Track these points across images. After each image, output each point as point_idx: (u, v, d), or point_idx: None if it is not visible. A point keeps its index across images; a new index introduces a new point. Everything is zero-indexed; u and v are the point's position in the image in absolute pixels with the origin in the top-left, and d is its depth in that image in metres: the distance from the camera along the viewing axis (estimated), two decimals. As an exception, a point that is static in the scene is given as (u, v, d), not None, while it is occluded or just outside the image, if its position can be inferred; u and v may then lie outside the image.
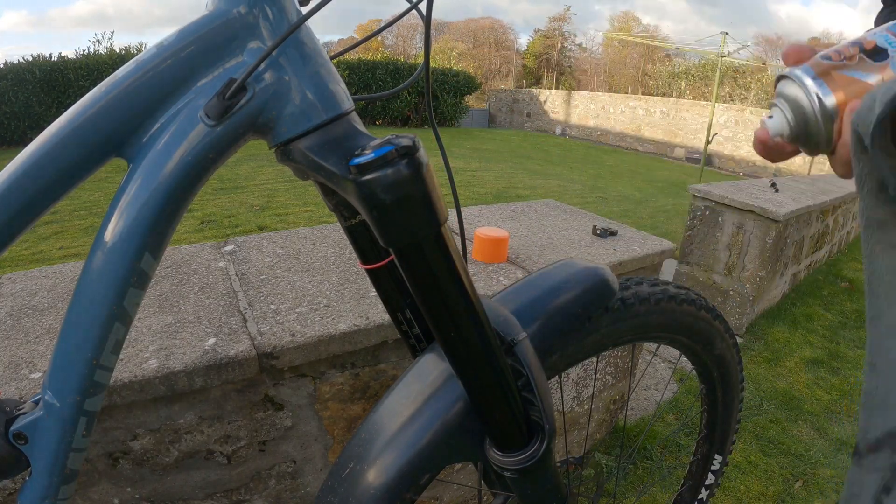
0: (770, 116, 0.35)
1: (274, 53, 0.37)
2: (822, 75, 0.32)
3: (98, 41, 13.37)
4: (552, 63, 37.13)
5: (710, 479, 0.88)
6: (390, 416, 0.48)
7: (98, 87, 0.36)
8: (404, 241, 0.37)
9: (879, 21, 0.53)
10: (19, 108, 8.89)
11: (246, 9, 0.37)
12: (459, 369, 0.44)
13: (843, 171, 0.33)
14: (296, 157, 0.39)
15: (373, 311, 0.91)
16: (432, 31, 0.45)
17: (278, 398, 0.87)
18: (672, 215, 5.44)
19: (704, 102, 14.37)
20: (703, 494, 0.89)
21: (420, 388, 0.48)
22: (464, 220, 1.12)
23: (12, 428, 0.40)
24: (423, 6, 0.44)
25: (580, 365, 1.30)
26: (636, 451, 1.51)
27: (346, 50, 0.53)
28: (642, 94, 22.12)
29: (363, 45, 0.82)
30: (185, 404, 0.80)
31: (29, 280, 0.99)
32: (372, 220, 0.37)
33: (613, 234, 1.38)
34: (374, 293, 0.97)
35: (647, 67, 29.88)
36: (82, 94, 0.37)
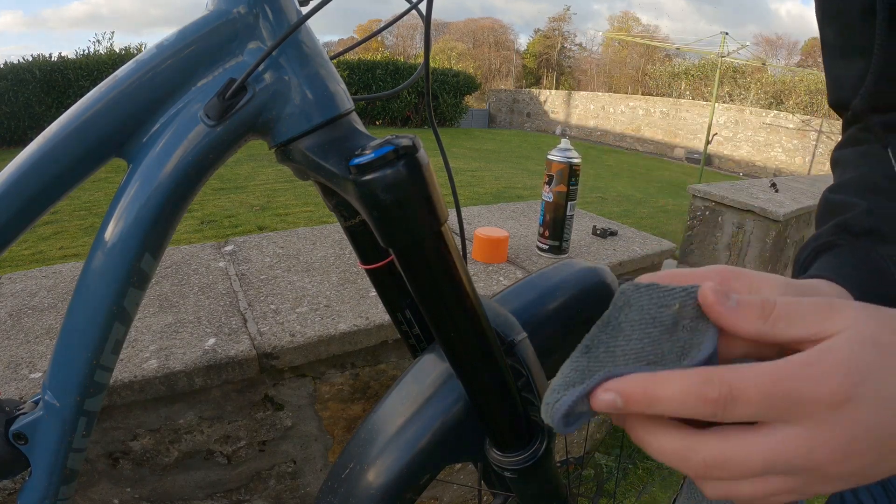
0: None
1: (274, 54, 0.37)
2: None
3: (98, 41, 13.38)
4: (552, 63, 37.17)
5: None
6: (390, 416, 0.48)
7: (98, 87, 0.36)
8: (404, 241, 0.37)
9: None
10: (19, 108, 8.89)
11: (246, 9, 0.37)
12: (459, 369, 0.44)
13: None
14: (296, 157, 0.39)
15: (373, 311, 0.91)
16: (432, 31, 0.44)
17: (278, 398, 0.87)
18: (672, 215, 5.44)
19: (704, 102, 14.38)
20: (703, 494, 0.89)
21: (420, 388, 0.48)
22: (464, 220, 1.12)
23: (12, 428, 0.40)
24: (423, 6, 0.44)
25: (580, 365, 1.29)
26: (636, 451, 1.51)
27: (346, 50, 0.53)
28: (642, 94, 22.12)
29: (363, 45, 0.82)
30: (185, 404, 0.80)
31: (29, 280, 0.99)
32: (372, 221, 0.36)
33: (613, 234, 1.38)
34: (374, 293, 0.97)
35: (647, 67, 29.88)
36: (82, 94, 0.37)
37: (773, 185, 2.94)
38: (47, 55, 9.82)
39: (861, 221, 0.38)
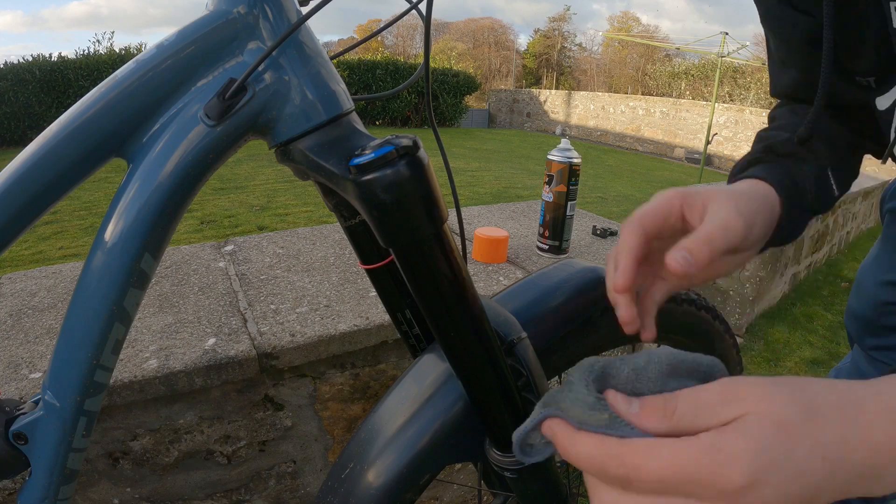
0: None
1: (274, 54, 0.37)
2: None
3: (98, 41, 13.42)
4: (552, 63, 37.18)
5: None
6: (390, 416, 0.48)
7: (98, 87, 0.36)
8: (404, 241, 0.37)
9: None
10: (19, 108, 8.90)
11: (246, 9, 0.37)
12: (459, 369, 0.44)
13: None
14: (296, 157, 0.39)
15: (373, 311, 0.91)
16: (432, 31, 0.44)
17: (278, 398, 0.87)
18: (672, 215, 5.43)
19: (704, 102, 14.38)
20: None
21: (420, 388, 0.48)
22: (464, 220, 1.12)
23: (12, 428, 0.40)
24: (423, 6, 0.44)
25: (580, 365, 1.30)
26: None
27: (346, 50, 0.53)
28: (642, 94, 22.14)
29: (363, 45, 0.82)
30: (185, 404, 0.80)
31: (29, 280, 0.99)
32: (372, 220, 0.37)
33: (613, 234, 1.38)
34: (374, 293, 0.97)
35: (647, 67, 29.89)
36: (82, 94, 0.37)
37: (773, 185, 2.94)
38: (47, 55, 9.83)
39: (784, 146, 0.46)
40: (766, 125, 0.53)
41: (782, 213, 0.42)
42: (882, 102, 0.42)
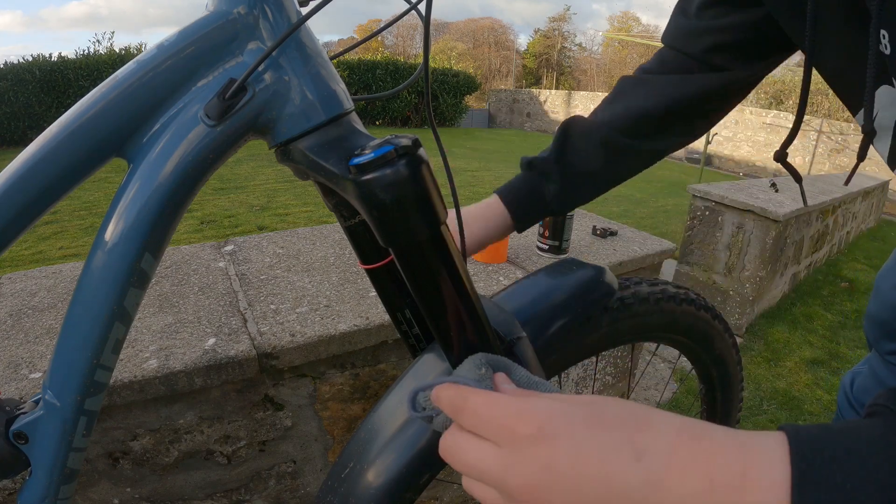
0: None
1: (274, 54, 0.37)
2: None
3: (98, 41, 13.44)
4: (552, 63, 37.19)
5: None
6: (390, 416, 0.48)
7: (98, 87, 0.36)
8: (404, 240, 0.37)
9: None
10: (19, 108, 8.90)
11: (246, 9, 0.37)
12: (459, 369, 0.44)
13: None
14: (296, 157, 0.39)
15: (373, 311, 0.92)
16: (432, 31, 0.44)
17: (278, 398, 0.87)
18: (672, 215, 5.45)
19: (704, 102, 14.34)
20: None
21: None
22: (464, 221, 1.12)
23: (12, 428, 0.40)
24: (422, 6, 0.44)
25: (580, 365, 1.30)
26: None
27: (346, 50, 0.53)
28: (642, 94, 22.05)
29: (363, 45, 0.82)
30: (185, 404, 0.80)
31: (29, 280, 0.99)
32: (371, 220, 0.37)
33: (613, 234, 1.38)
34: (374, 293, 0.97)
35: (647, 67, 29.81)
36: (82, 94, 0.37)
37: (773, 185, 2.94)
38: (47, 55, 9.83)
39: (541, 164, 0.59)
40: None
41: (512, 215, 0.59)
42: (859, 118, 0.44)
